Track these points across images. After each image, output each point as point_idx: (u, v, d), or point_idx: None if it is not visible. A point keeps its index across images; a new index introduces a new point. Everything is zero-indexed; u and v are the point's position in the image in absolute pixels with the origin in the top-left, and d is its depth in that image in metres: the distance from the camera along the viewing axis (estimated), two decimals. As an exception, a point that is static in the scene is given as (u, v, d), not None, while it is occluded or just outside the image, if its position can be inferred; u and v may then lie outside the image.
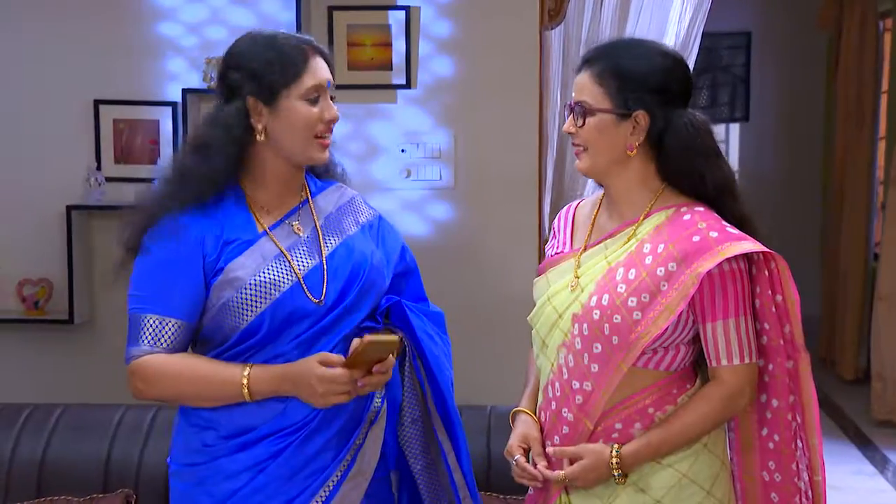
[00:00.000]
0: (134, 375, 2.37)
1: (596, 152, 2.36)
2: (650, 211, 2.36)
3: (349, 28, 4.02)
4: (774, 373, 2.34)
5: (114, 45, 4.06)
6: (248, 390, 2.34)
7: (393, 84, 4.04)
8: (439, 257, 4.03)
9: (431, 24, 4.04)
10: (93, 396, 3.79)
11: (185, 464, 2.45)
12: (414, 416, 2.58)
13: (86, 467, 3.23)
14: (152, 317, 2.36)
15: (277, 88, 2.39)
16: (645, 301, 2.25)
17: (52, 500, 3.17)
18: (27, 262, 4.10)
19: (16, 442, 3.27)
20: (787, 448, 2.35)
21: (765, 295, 2.31)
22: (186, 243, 2.37)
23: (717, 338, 2.29)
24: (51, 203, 4.03)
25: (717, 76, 9.32)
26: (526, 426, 2.45)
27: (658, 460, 2.31)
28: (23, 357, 4.12)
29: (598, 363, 2.30)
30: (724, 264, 2.25)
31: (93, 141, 4.05)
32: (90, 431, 3.29)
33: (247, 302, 2.36)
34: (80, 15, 4.06)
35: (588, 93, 2.35)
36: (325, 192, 2.59)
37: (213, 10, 4.04)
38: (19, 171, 4.09)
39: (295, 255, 2.43)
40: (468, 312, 4.03)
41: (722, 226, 2.29)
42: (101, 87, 4.06)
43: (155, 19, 4.05)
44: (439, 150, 4.06)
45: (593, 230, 2.46)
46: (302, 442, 2.38)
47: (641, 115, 2.31)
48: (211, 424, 2.40)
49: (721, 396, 2.31)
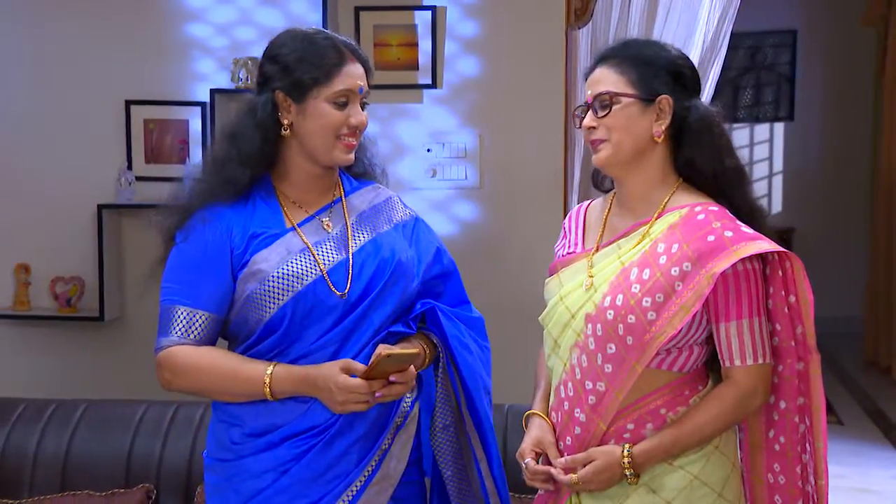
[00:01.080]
0: (162, 365, 2.40)
1: (620, 141, 2.33)
2: (664, 210, 2.34)
3: (375, 28, 4.06)
4: (784, 374, 2.31)
5: (145, 46, 4.12)
6: (269, 389, 2.35)
7: (419, 84, 4.07)
8: (464, 257, 4.01)
9: (457, 24, 4.06)
10: (121, 392, 3.86)
11: (216, 458, 2.48)
12: (446, 422, 2.57)
13: (108, 462, 3.27)
14: (183, 308, 2.38)
15: (307, 87, 2.39)
16: (659, 301, 2.23)
17: (74, 495, 3.21)
18: (60, 260, 4.17)
19: (41, 437, 3.32)
20: (793, 450, 2.32)
21: (778, 295, 2.29)
22: (215, 236, 2.40)
23: (730, 338, 2.27)
24: (83, 202, 4.10)
25: (761, 75, 9.24)
26: (540, 430, 2.42)
27: (670, 462, 2.29)
28: (55, 353, 4.20)
29: (612, 363, 2.28)
30: (738, 264, 2.23)
31: (124, 141, 4.12)
32: (113, 427, 3.33)
33: (270, 294, 2.37)
34: (112, 17, 4.13)
35: (609, 83, 2.34)
36: (360, 191, 2.59)
37: (242, 11, 4.09)
38: (53, 170, 4.17)
39: (321, 250, 2.44)
40: (491, 312, 3.99)
41: (737, 225, 2.26)
42: (133, 88, 4.13)
43: (185, 20, 4.11)
44: (465, 150, 4.07)
45: (605, 230, 2.45)
46: (325, 445, 2.38)
47: (665, 99, 2.31)
48: (236, 421, 2.43)
49: (734, 397, 2.28)
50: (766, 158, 9.29)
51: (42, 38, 4.16)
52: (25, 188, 4.18)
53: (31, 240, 4.19)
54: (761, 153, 9.31)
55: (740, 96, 9.23)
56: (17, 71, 4.19)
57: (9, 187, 4.19)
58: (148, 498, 3.21)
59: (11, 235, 4.20)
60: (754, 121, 9.25)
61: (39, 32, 4.16)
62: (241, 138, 2.42)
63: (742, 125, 9.29)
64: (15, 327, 4.20)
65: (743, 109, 9.24)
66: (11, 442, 3.32)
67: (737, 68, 9.14)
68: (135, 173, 4.09)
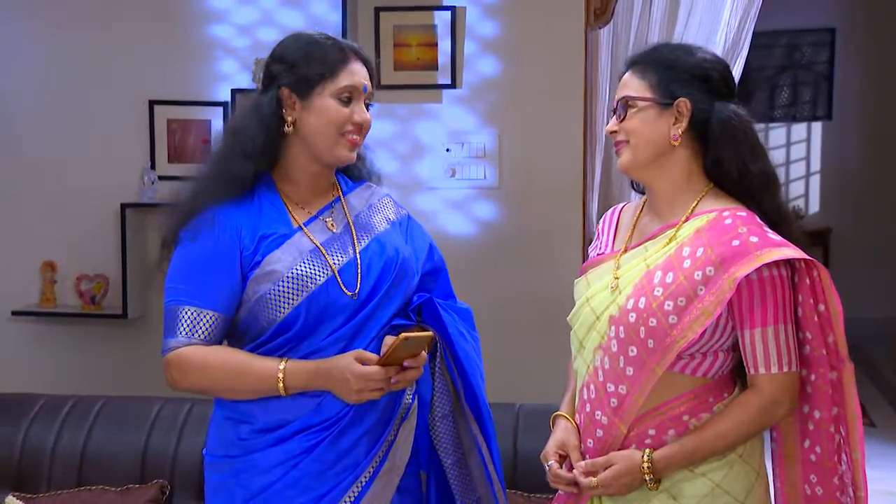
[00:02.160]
0: (170, 366, 2.42)
1: (638, 144, 2.34)
2: (692, 214, 2.33)
3: (395, 29, 4.09)
4: (817, 384, 2.27)
5: (168, 47, 4.18)
6: (283, 384, 2.37)
7: (438, 84, 4.09)
8: (482, 256, 4.07)
9: (477, 24, 4.09)
10: (144, 389, 3.90)
11: (221, 455, 2.50)
12: (444, 411, 2.61)
13: (124, 458, 3.34)
14: (189, 308, 2.39)
15: (312, 82, 2.43)
16: (681, 305, 2.21)
17: (90, 490, 3.28)
18: (85, 258, 4.23)
19: (59, 432, 3.39)
20: (829, 461, 2.27)
21: (807, 304, 2.24)
22: (223, 236, 2.41)
23: (755, 345, 2.24)
24: (107, 201, 4.17)
25: (798, 74, 9.16)
26: (565, 432, 2.43)
27: (691, 469, 2.27)
28: (80, 350, 4.27)
29: (633, 366, 2.27)
30: (763, 270, 2.20)
31: (147, 140, 4.18)
32: (129, 423, 3.40)
33: (284, 295, 2.39)
34: (137, 18, 4.19)
35: (630, 88, 2.35)
36: (356, 190, 2.63)
37: (264, 12, 4.14)
38: (79, 169, 4.24)
39: (330, 250, 2.47)
40: (508, 311, 4.06)
41: (763, 231, 2.24)
42: (156, 88, 4.19)
43: (208, 21, 4.17)
44: (484, 150, 4.09)
45: (634, 232, 2.44)
46: (335, 438, 2.41)
47: (683, 102, 2.30)
48: (246, 418, 2.45)
49: (758, 405, 2.25)
50: (804, 158, 9.20)
51: (68, 39, 4.23)
52: (52, 187, 4.26)
53: (57, 238, 4.26)
54: (798, 153, 9.22)
55: (777, 95, 9.16)
56: (44, 72, 4.26)
57: (36, 186, 4.26)
58: (162, 493, 3.27)
59: (39, 233, 4.28)
60: (791, 120, 9.17)
61: (66, 34, 4.23)
62: (244, 134, 2.45)
63: (779, 125, 9.21)
64: (41, 324, 4.28)
65: (780, 109, 9.17)
66: (30, 437, 3.40)
67: (774, 67, 9.08)
68: (157, 172, 4.15)
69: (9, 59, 4.26)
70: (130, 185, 4.16)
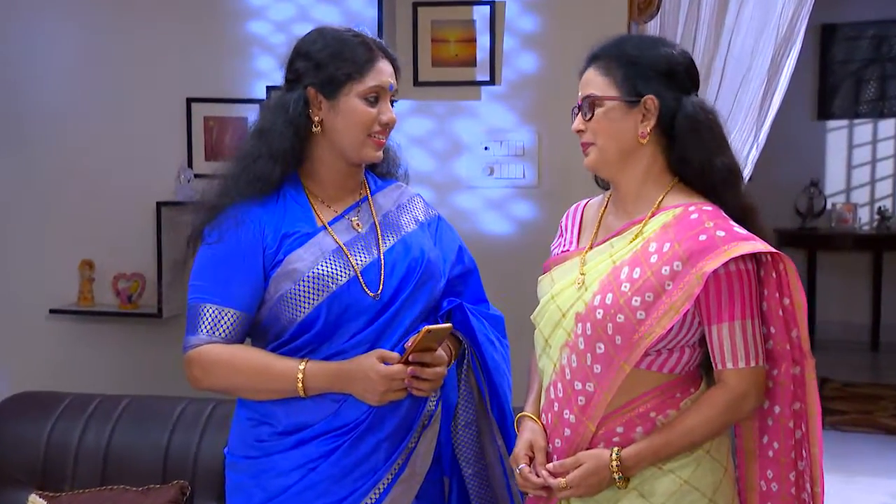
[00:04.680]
0: (191, 364, 2.50)
1: (605, 144, 2.39)
2: (658, 209, 2.38)
3: (433, 24, 4.13)
4: (779, 379, 2.34)
5: (205, 44, 4.28)
6: (302, 385, 2.43)
7: (477, 80, 4.13)
8: (520, 257, 4.10)
9: (517, 18, 4.11)
10: (177, 390, 3.98)
11: (242, 456, 2.57)
12: (468, 419, 2.65)
13: (146, 458, 3.43)
14: (211, 306, 2.47)
15: (339, 83, 2.48)
16: (649, 300, 2.26)
17: (111, 489, 3.37)
18: (123, 256, 4.35)
19: (83, 431, 3.50)
20: (786, 457, 2.33)
21: (772, 298, 2.30)
22: (247, 234, 2.48)
23: (722, 340, 2.28)
24: (144, 199, 4.27)
25: (886, 67, 8.98)
26: (532, 433, 2.47)
27: (660, 466, 2.32)
28: (117, 349, 4.38)
29: (601, 364, 2.32)
30: (730, 265, 2.25)
31: (185, 138, 4.28)
32: (152, 423, 3.48)
33: (304, 294, 2.45)
34: (174, 17, 4.30)
35: (594, 85, 2.40)
36: (384, 190, 2.69)
37: (300, 8, 4.22)
38: (117, 168, 4.35)
39: (353, 249, 2.52)
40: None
41: (730, 225, 2.29)
42: (194, 86, 4.29)
43: (244, 18, 4.26)
44: (523, 148, 4.12)
45: (600, 228, 2.49)
46: (353, 442, 2.46)
47: (651, 99, 2.34)
48: (267, 419, 2.52)
49: (725, 400, 2.30)
50: (892, 156, 9.03)
51: (106, 39, 4.35)
52: (90, 185, 4.38)
53: (95, 236, 4.38)
54: (885, 150, 9.05)
55: (863, 90, 8.99)
56: (81, 72, 4.39)
57: (75, 185, 4.39)
58: (183, 494, 3.34)
59: (77, 232, 4.40)
60: (878, 116, 9.00)
61: (104, 34, 4.36)
62: (271, 135, 2.50)
63: (864, 121, 9.05)
64: (80, 323, 4.40)
65: (865, 104, 9.00)
66: (55, 435, 3.50)
67: (859, 60, 8.93)
68: (194, 171, 4.24)
69: (47, 59, 4.39)
70: (167, 184, 4.26)
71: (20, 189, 4.43)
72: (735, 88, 4.21)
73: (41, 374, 4.28)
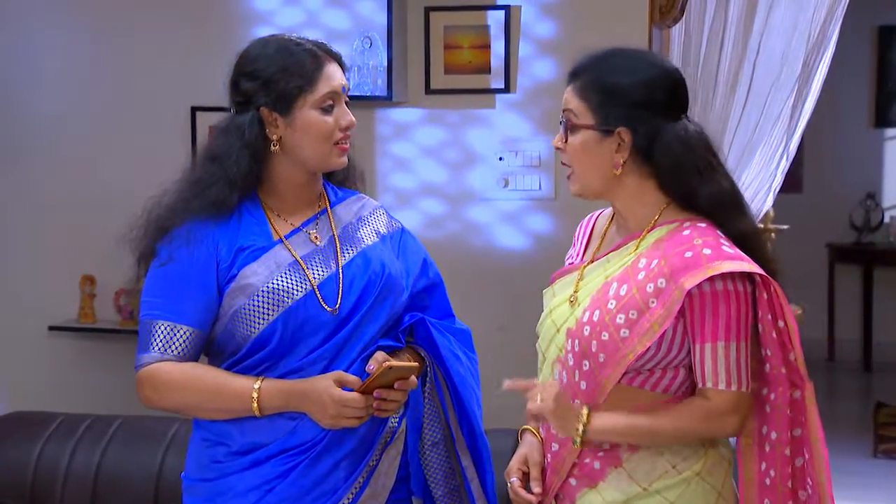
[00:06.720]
0: (142, 383, 2.49)
1: (584, 173, 2.39)
2: (654, 225, 2.37)
3: (446, 30, 4.10)
4: (776, 403, 2.29)
5: (211, 51, 4.24)
6: (257, 404, 2.43)
7: (491, 88, 4.09)
8: (537, 272, 3.98)
9: (532, 24, 4.07)
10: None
11: (198, 479, 2.57)
12: (434, 438, 2.64)
13: (137, 480, 3.44)
14: (164, 323, 2.47)
15: (292, 97, 2.48)
16: (632, 318, 2.26)
17: (100, 511, 3.40)
18: (124, 272, 4.34)
19: (73, 452, 3.51)
20: (783, 486, 2.29)
21: (765, 319, 2.27)
22: (200, 250, 2.48)
23: (704, 360, 2.27)
24: (147, 212, 4.27)
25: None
26: (529, 447, 2.48)
27: (646, 486, 2.32)
28: (116, 367, 4.35)
29: (586, 381, 2.33)
30: (717, 283, 2.23)
31: (189, 147, 4.27)
32: (144, 444, 3.49)
33: (259, 309, 2.46)
34: (179, 22, 4.31)
35: (572, 107, 2.38)
36: (345, 202, 2.68)
37: (308, 14, 4.21)
38: (120, 179, 4.33)
39: (310, 263, 2.52)
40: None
41: (718, 243, 2.27)
42: (198, 94, 4.27)
43: (251, 24, 4.23)
44: (539, 159, 4.09)
45: (603, 242, 2.50)
46: (310, 462, 2.46)
47: (623, 131, 2.32)
48: (222, 439, 2.51)
49: (703, 409, 2.29)
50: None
51: (109, 46, 4.37)
52: (92, 198, 4.38)
53: (96, 251, 4.38)
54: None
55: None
56: (85, 81, 4.41)
57: (77, 197, 4.40)
58: (172, 518, 3.35)
59: (78, 246, 4.40)
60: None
61: (107, 41, 4.37)
62: (227, 160, 2.49)
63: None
64: (80, 339, 4.42)
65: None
66: (45, 456, 3.52)
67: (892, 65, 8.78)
68: (199, 182, 4.24)
69: (48, 68, 4.41)
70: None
71: (20, 202, 4.44)
72: (764, 96, 4.17)
73: (41, 393, 4.28)
